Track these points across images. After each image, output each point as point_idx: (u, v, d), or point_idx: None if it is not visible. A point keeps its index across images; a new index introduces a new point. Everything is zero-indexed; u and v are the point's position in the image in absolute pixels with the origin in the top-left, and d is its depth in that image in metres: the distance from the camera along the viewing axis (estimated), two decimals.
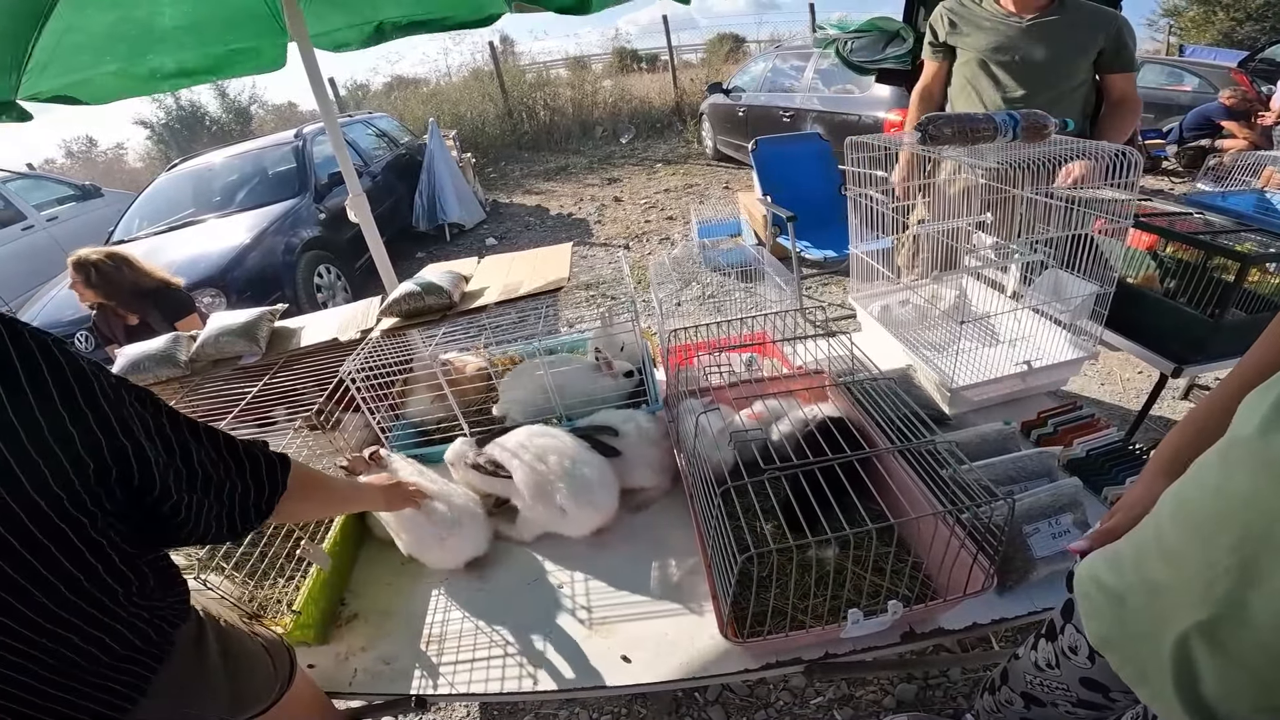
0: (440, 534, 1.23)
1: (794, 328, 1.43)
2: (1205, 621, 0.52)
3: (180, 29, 2.35)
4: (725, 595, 0.92)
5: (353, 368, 1.39)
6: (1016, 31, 1.93)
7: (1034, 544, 1.02)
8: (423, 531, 1.23)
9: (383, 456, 1.30)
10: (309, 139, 5.59)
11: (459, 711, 1.62)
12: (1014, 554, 1.02)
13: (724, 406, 1.33)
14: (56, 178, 8.16)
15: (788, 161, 3.88)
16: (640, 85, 11.70)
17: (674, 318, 1.85)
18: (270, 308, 1.78)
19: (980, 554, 0.90)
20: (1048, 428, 1.40)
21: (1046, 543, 1.02)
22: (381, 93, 13.76)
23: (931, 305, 1.73)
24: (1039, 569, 1.02)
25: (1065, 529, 1.03)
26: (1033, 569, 1.02)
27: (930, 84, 2.19)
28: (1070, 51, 1.92)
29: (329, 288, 4.81)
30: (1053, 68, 1.93)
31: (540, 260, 1.65)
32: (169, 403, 0.78)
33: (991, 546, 0.89)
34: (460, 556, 1.27)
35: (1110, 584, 0.64)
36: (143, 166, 14.04)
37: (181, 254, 4.23)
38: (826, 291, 3.99)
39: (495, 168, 9.55)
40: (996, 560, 0.89)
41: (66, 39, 2.10)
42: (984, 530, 0.90)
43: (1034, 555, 1.01)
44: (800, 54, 6.25)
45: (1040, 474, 1.17)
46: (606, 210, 6.68)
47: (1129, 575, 0.62)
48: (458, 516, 1.25)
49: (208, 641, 0.83)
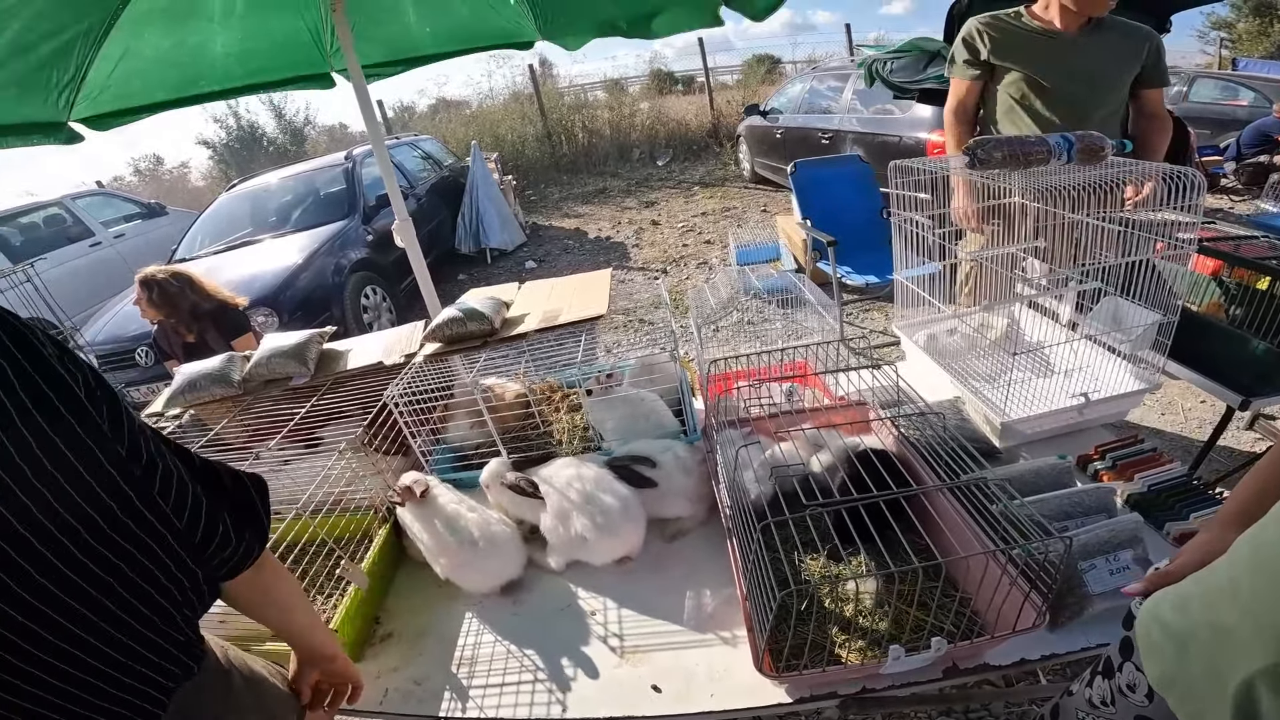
0: (477, 558, 1.24)
1: (836, 358, 1.40)
2: (1273, 666, 0.53)
3: (230, 56, 2.45)
4: (762, 629, 0.90)
5: (396, 392, 1.42)
6: (1066, 48, 1.88)
7: (1090, 580, 0.99)
8: (461, 555, 1.25)
9: (430, 490, 1.31)
10: (358, 160, 5.80)
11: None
12: (1069, 590, 0.99)
13: (764, 438, 1.31)
14: (124, 195, 8.61)
15: (827, 184, 3.85)
16: (677, 107, 11.84)
17: (713, 344, 1.84)
18: (319, 330, 1.84)
19: (1033, 592, 0.87)
20: (1106, 462, 1.34)
21: (1103, 579, 0.99)
22: (427, 114, 14.22)
23: (981, 335, 1.68)
24: (1094, 605, 0.98)
25: (1124, 565, 1.00)
26: (1088, 605, 0.99)
27: (967, 102, 2.11)
28: (1118, 67, 1.89)
29: (374, 308, 4.95)
30: (1105, 84, 1.89)
31: (580, 288, 1.66)
32: (223, 422, 0.80)
33: (1045, 584, 0.87)
34: (496, 580, 1.28)
35: (1174, 625, 0.65)
36: (204, 185, 14.77)
37: (238, 273, 4.41)
38: (868, 318, 3.92)
39: (535, 190, 9.75)
40: (1050, 598, 0.87)
41: (123, 65, 2.20)
42: (1037, 567, 0.88)
43: (1090, 592, 0.98)
44: (838, 75, 6.23)
45: (1098, 510, 1.13)
46: (644, 234, 6.74)
47: (1196, 617, 0.63)
48: (494, 541, 1.26)
49: (232, 667, 0.83)
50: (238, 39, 2.39)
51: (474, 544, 1.25)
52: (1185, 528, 1.12)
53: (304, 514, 1.23)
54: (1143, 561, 1.01)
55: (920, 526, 0.99)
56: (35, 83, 2.05)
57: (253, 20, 2.34)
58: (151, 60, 2.27)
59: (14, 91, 2.02)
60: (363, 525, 1.42)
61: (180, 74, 2.42)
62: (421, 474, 1.35)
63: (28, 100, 2.08)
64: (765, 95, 8.65)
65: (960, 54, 2.06)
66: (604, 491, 1.25)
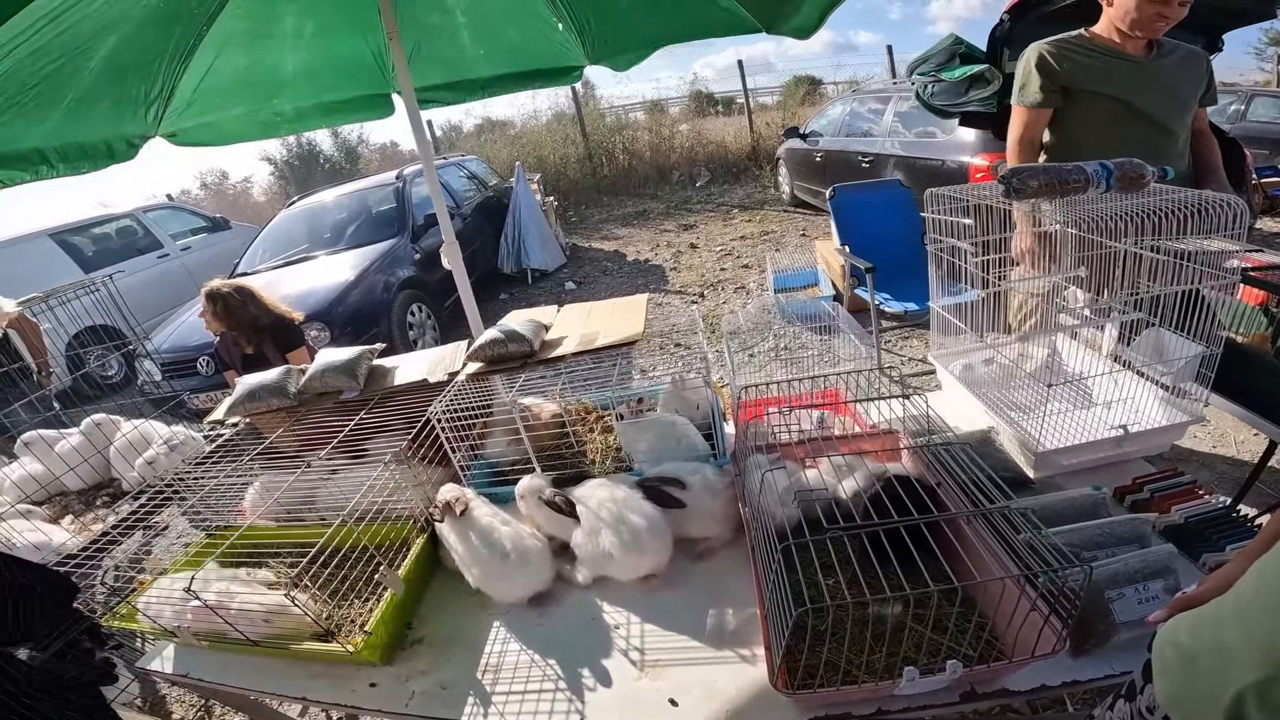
0: (507, 570, 1.29)
1: (868, 387, 1.41)
2: (1261, 681, 0.56)
3: (300, 75, 2.63)
4: (778, 646, 0.93)
5: (439, 408, 1.49)
6: (1147, 71, 1.87)
7: (1118, 608, 0.99)
8: (492, 566, 1.30)
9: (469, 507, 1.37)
10: (408, 180, 6.02)
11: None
12: (1095, 618, 0.99)
13: (790, 463, 1.33)
14: (192, 209, 9.10)
15: (867, 209, 3.84)
16: (716, 129, 11.93)
17: (746, 369, 1.86)
18: (369, 347, 1.94)
19: (1052, 616, 0.88)
20: (1144, 494, 1.32)
21: (1131, 608, 0.99)
22: (472, 134, 14.66)
23: (1018, 365, 1.67)
24: (1121, 633, 0.99)
25: (1154, 595, 1.00)
26: (1115, 633, 0.99)
27: (1038, 130, 2.04)
28: (1191, 88, 1.90)
29: (420, 326, 5.12)
30: (1186, 105, 1.90)
31: (617, 312, 1.72)
32: (278, 431, 0.87)
33: (1065, 610, 0.88)
34: (524, 592, 1.33)
35: (1186, 645, 0.68)
36: (265, 200, 15.51)
37: (294, 288, 4.63)
38: (907, 346, 3.88)
39: (575, 211, 9.93)
40: (1070, 624, 0.87)
41: (206, 81, 2.39)
42: (1057, 593, 0.89)
43: (1117, 619, 0.98)
44: (879, 97, 6.21)
45: (1131, 540, 1.13)
46: (682, 257, 6.80)
47: (1205, 638, 0.65)
48: (525, 555, 1.31)
49: None
50: (307, 59, 2.57)
51: (505, 557, 1.30)
52: (1221, 559, 1.10)
53: (349, 521, 1.29)
54: (1174, 591, 1.00)
55: (942, 553, 1.00)
56: (126, 98, 2.24)
57: (321, 42, 2.52)
58: (231, 78, 2.46)
59: (108, 105, 2.21)
60: (402, 533, 1.48)
61: (255, 91, 2.62)
62: (461, 489, 1.41)
63: (120, 115, 2.28)
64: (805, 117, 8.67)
65: (1036, 80, 1.97)
66: (632, 511, 1.28)
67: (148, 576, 1.51)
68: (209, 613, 1.22)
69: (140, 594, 1.39)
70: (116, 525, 1.76)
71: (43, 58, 1.85)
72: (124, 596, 1.49)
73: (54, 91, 2.00)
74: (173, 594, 1.30)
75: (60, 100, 2.04)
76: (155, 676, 1.41)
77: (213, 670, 1.34)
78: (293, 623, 1.25)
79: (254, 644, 1.25)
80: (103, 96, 2.15)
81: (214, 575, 1.34)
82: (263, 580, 1.40)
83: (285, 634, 1.26)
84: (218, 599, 1.25)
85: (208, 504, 1.60)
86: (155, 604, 1.33)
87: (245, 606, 1.26)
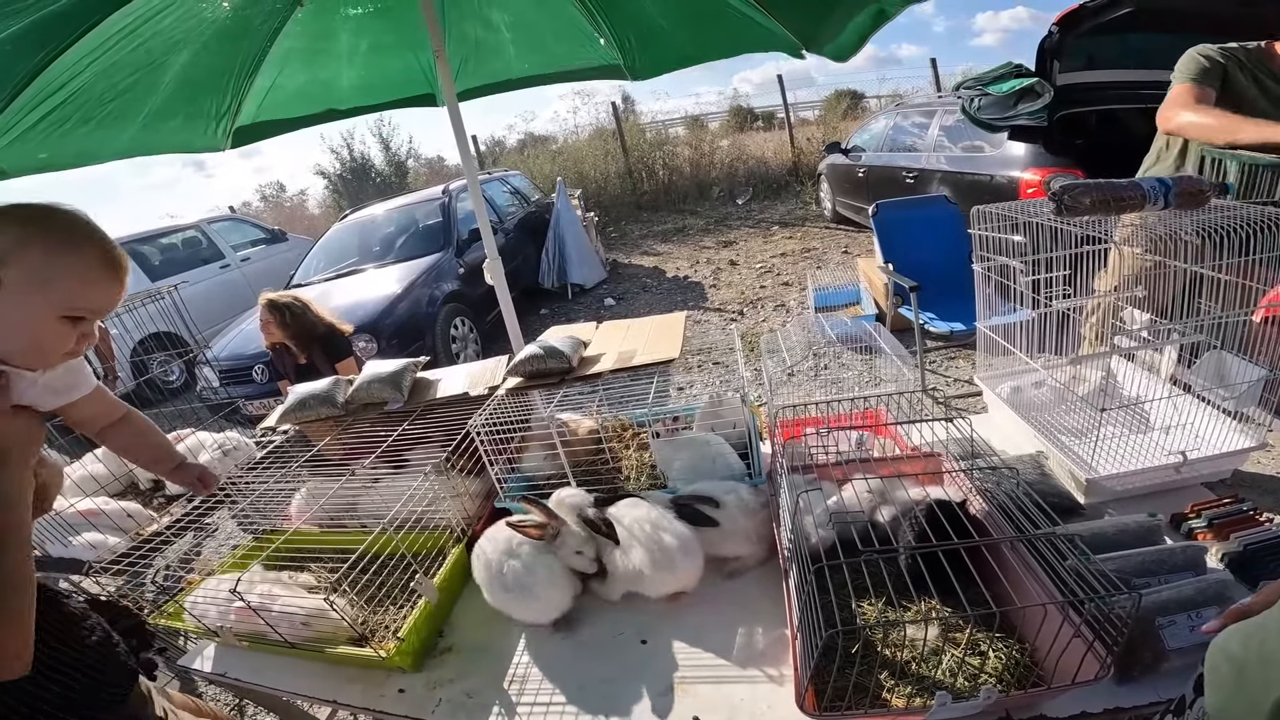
0: (518, 597, 1.29)
1: (910, 409, 1.38)
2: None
3: (354, 90, 2.73)
4: (807, 667, 0.91)
5: (479, 422, 1.52)
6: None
7: (1168, 635, 0.96)
8: (505, 595, 1.30)
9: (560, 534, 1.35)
10: (454, 195, 6.19)
11: None
12: (1144, 645, 0.96)
13: (827, 484, 1.31)
14: (252, 221, 9.53)
15: (911, 226, 3.77)
16: (756, 144, 11.89)
17: (785, 388, 1.84)
18: (414, 360, 1.99)
19: (1097, 642, 0.86)
20: (1201, 520, 1.27)
21: (1182, 635, 0.96)
22: (515, 149, 14.93)
23: (1070, 389, 1.61)
24: (1172, 660, 0.95)
25: (1205, 622, 0.96)
26: (1164, 660, 0.96)
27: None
28: None
29: (462, 339, 5.23)
30: None
31: (655, 331, 1.73)
32: (325, 439, 0.90)
33: (1110, 636, 0.85)
34: (541, 618, 1.31)
35: (1237, 654, 0.67)
36: (319, 213, 16.08)
37: (345, 300, 4.79)
38: (953, 366, 3.77)
39: (615, 227, 10.02)
40: (1115, 651, 0.85)
41: (269, 96, 2.51)
42: (1103, 620, 0.87)
43: (1167, 647, 0.95)
44: (924, 111, 6.09)
45: (1185, 567, 1.10)
46: (721, 274, 6.78)
47: (1253, 647, 0.65)
48: (534, 585, 1.28)
49: None
50: (362, 74, 2.68)
51: (507, 589, 1.29)
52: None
53: (389, 529, 1.32)
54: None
55: (984, 579, 0.97)
56: (198, 112, 2.37)
57: (375, 58, 2.62)
58: (291, 93, 2.58)
59: (181, 120, 2.35)
60: (439, 542, 1.51)
61: (310, 107, 2.74)
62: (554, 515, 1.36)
63: (192, 129, 2.42)
64: (847, 131, 8.58)
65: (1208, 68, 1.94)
66: (664, 529, 1.28)
67: (196, 576, 1.57)
68: (252, 614, 1.26)
69: (188, 593, 1.45)
70: (170, 525, 1.84)
71: (118, 73, 1.97)
72: (172, 595, 1.55)
73: (130, 106, 2.12)
74: (219, 594, 1.35)
75: (137, 114, 2.16)
76: (195, 675, 1.46)
77: (249, 670, 1.38)
78: (330, 627, 1.28)
79: (290, 646, 1.29)
80: (177, 112, 2.28)
81: (258, 577, 1.38)
82: (303, 584, 1.44)
83: (321, 637, 1.29)
84: (260, 601, 1.29)
85: (257, 508, 1.67)
86: (201, 603, 1.38)
87: (286, 609, 1.29)
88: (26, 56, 1.71)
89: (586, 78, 3.07)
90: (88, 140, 2.12)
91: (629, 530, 1.29)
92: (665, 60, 2.82)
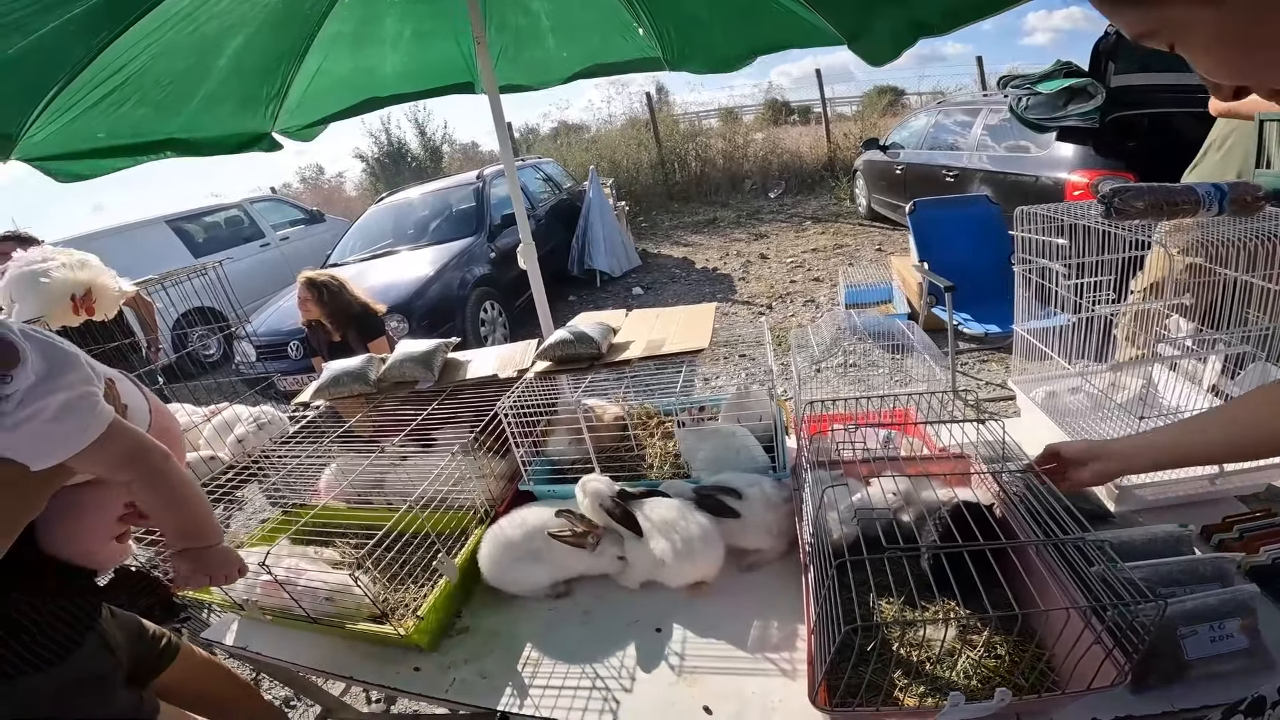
0: (525, 563, 1.34)
1: (940, 409, 1.36)
2: None
3: (397, 76, 2.77)
4: (822, 662, 0.91)
5: (507, 404, 1.54)
6: None
7: (1188, 645, 0.95)
8: (513, 565, 1.36)
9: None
10: (488, 180, 6.25)
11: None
12: (1164, 654, 0.95)
13: (852, 480, 1.30)
14: (292, 202, 9.76)
15: (949, 226, 3.69)
16: (791, 138, 11.74)
17: (813, 383, 1.83)
18: (445, 340, 2.02)
19: (1116, 649, 0.84)
20: (1233, 533, 1.24)
21: (1203, 645, 0.95)
22: (549, 137, 14.97)
23: (1108, 396, 1.57)
24: (1192, 670, 0.94)
25: (1228, 634, 0.96)
26: (1185, 671, 0.95)
27: None
28: None
29: (491, 322, 5.29)
30: None
31: (685, 320, 1.73)
32: (356, 416, 0.92)
33: (1131, 644, 0.84)
34: (544, 579, 1.36)
35: None
36: (356, 196, 16.36)
37: (379, 280, 4.89)
38: (985, 369, 3.70)
39: (646, 217, 10.00)
40: (1135, 658, 0.83)
41: (315, 81, 2.55)
42: (1125, 627, 0.85)
43: (1187, 657, 0.95)
44: (967, 109, 5.96)
45: (1212, 579, 1.07)
46: (751, 267, 6.73)
47: None
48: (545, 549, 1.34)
49: None
50: (404, 60, 2.71)
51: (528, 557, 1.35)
52: None
53: (414, 508, 1.35)
54: (1251, 632, 0.96)
55: (1005, 581, 0.96)
56: (249, 96, 2.43)
57: (417, 45, 2.66)
58: (337, 78, 2.63)
59: (234, 104, 2.41)
60: (462, 522, 1.52)
61: (356, 93, 2.79)
62: (594, 525, 1.36)
63: (244, 112, 2.48)
64: (886, 128, 8.41)
65: None
66: (685, 519, 1.28)
67: None
68: (278, 588, 1.28)
69: None
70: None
71: (175, 56, 2.03)
72: None
73: (186, 88, 2.18)
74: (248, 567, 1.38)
75: (192, 96, 2.22)
76: (217, 647, 1.48)
77: (269, 644, 1.41)
78: (353, 603, 1.29)
79: (312, 621, 1.31)
80: (230, 95, 2.34)
81: (285, 551, 1.40)
82: (328, 559, 1.46)
83: (343, 613, 1.30)
84: (287, 575, 1.30)
85: (287, 482, 1.71)
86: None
87: (311, 584, 1.31)
88: (86, 38, 1.76)
89: (625, 70, 3.07)
90: (144, 122, 2.18)
91: (650, 520, 1.30)
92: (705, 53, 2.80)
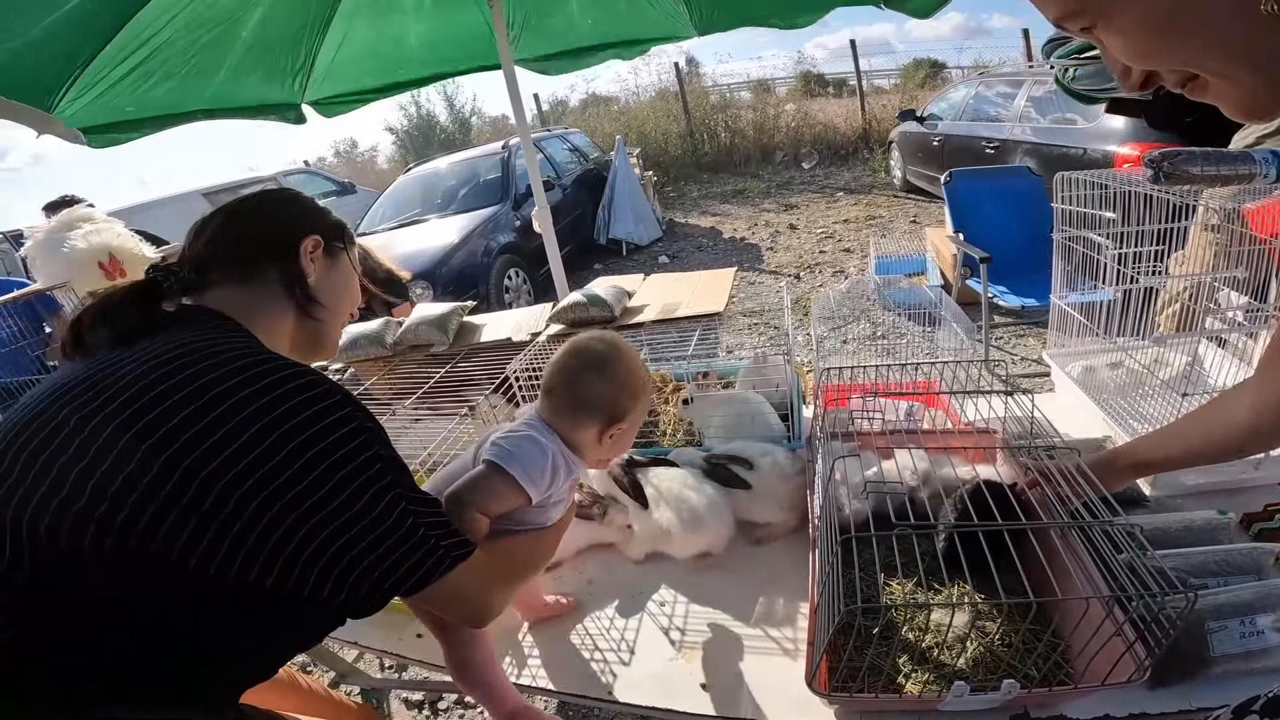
0: None
1: (967, 380, 1.30)
2: None
3: (421, 46, 2.74)
4: (821, 642, 0.88)
5: (518, 366, 1.52)
6: None
7: (1215, 641, 0.89)
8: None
9: None
10: (514, 150, 6.21)
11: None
12: (1187, 649, 0.89)
13: (868, 453, 1.25)
14: (325, 174, 9.91)
15: (987, 197, 3.54)
16: (825, 110, 11.41)
17: (838, 355, 1.77)
18: (461, 304, 2.01)
19: (1138, 643, 0.79)
20: (1274, 522, 1.16)
21: (1232, 641, 0.89)
22: (577, 109, 14.84)
23: (1151, 372, 1.48)
24: (1216, 666, 0.88)
25: (1258, 630, 0.90)
26: (1208, 667, 0.89)
27: None
28: None
29: (515, 290, 5.30)
30: None
31: (702, 284, 1.68)
32: (373, 379, 0.90)
33: (1154, 638, 0.78)
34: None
35: None
36: (388, 168, 16.51)
37: (406, 248, 4.93)
38: (1021, 344, 3.57)
39: (674, 187, 9.86)
40: (1157, 653, 0.78)
41: (341, 52, 2.54)
42: (1150, 620, 0.79)
43: (1212, 653, 0.89)
44: (1010, 81, 5.70)
45: (1248, 570, 1.00)
46: (780, 237, 6.59)
47: None
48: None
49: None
50: (428, 30, 2.68)
51: None
52: None
53: (421, 470, 1.34)
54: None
55: (1026, 567, 0.91)
56: (275, 68, 2.43)
57: (440, 13, 2.62)
58: (362, 49, 2.61)
59: (260, 75, 2.41)
60: None
61: (382, 63, 2.77)
62: (599, 496, 1.35)
63: (270, 84, 2.49)
64: (924, 100, 8.10)
65: None
66: (693, 489, 1.25)
67: None
68: None
69: None
70: None
71: (199, 29, 2.01)
72: None
73: (212, 61, 2.18)
74: None
75: (218, 69, 2.22)
76: None
77: None
78: None
79: None
80: (256, 66, 2.34)
81: None
82: None
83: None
84: None
85: None
86: None
87: None
88: (108, 11, 1.75)
89: (650, 45, 2.99)
90: (172, 95, 2.19)
91: (657, 489, 1.27)
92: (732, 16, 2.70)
